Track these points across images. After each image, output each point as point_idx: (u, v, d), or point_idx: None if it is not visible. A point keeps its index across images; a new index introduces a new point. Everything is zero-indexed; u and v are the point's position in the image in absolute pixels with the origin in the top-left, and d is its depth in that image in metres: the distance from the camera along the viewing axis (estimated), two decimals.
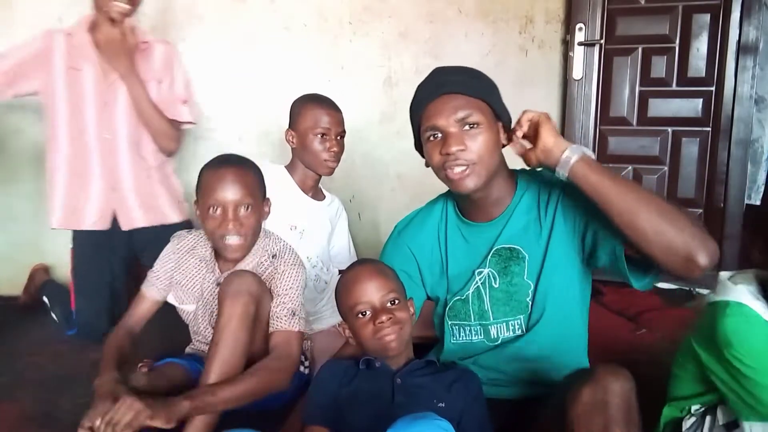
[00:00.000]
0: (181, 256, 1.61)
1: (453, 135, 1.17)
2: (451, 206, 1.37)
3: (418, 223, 1.41)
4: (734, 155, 2.54)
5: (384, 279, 1.23)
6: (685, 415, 1.33)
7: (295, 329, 1.48)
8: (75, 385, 1.84)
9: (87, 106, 2.07)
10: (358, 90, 2.78)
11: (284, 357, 1.43)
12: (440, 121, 1.18)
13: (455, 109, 1.18)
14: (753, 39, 2.45)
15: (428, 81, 1.26)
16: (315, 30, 2.76)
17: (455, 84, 1.20)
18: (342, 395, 1.19)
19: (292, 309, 1.49)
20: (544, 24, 2.70)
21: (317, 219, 2.00)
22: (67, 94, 2.07)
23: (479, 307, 1.31)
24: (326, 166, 1.94)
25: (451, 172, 1.19)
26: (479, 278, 1.31)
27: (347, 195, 2.75)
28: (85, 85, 2.07)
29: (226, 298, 1.37)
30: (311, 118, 1.91)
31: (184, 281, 1.59)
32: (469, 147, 1.17)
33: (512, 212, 1.28)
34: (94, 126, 2.08)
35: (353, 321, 1.23)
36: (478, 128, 1.18)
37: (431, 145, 1.22)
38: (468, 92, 1.19)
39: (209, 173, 1.49)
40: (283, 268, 1.52)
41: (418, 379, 1.20)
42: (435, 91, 1.21)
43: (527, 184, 1.30)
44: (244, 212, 1.47)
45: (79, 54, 2.06)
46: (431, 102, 1.20)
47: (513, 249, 1.28)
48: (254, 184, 1.51)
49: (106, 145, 2.10)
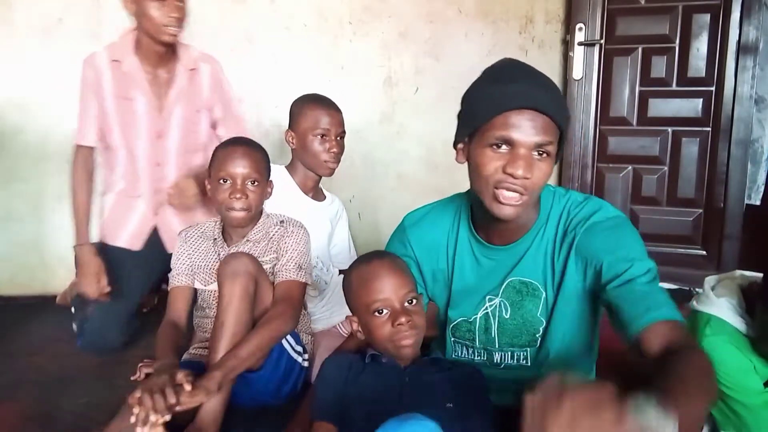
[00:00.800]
0: (193, 244, 1.70)
1: (526, 158, 1.05)
2: (464, 217, 1.29)
3: (428, 224, 1.34)
4: (734, 155, 2.54)
5: (404, 276, 1.19)
6: None
7: (301, 280, 1.62)
8: (75, 385, 1.85)
9: (140, 136, 2.04)
10: (358, 90, 2.78)
11: (285, 302, 1.55)
12: (519, 137, 1.05)
13: (539, 131, 1.05)
14: (753, 39, 2.45)
15: (511, 79, 1.09)
16: (315, 30, 2.76)
17: (546, 103, 1.06)
18: (349, 391, 1.16)
19: (298, 263, 1.63)
20: (544, 24, 2.70)
21: (317, 219, 2.00)
22: (119, 122, 2.03)
23: (485, 333, 1.27)
24: (326, 166, 1.93)
25: (504, 194, 1.08)
26: (490, 305, 1.26)
27: (347, 195, 2.75)
28: (137, 115, 2.02)
29: (225, 279, 1.44)
30: (311, 118, 1.91)
31: (203, 264, 1.68)
32: (533, 176, 1.06)
33: (531, 242, 1.21)
34: (145, 155, 2.05)
35: (368, 318, 1.18)
36: (547, 158, 1.08)
37: (492, 154, 1.08)
38: (555, 117, 1.06)
39: (222, 150, 1.64)
40: (291, 229, 1.68)
41: (426, 378, 1.17)
42: (521, 100, 1.05)
43: (549, 208, 1.22)
44: (251, 186, 1.61)
45: (130, 83, 1.99)
46: (514, 110, 1.05)
47: (530, 284, 1.22)
48: (261, 162, 1.65)
49: (156, 173, 2.08)
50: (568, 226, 1.18)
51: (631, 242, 1.11)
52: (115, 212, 2.13)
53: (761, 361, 1.14)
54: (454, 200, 1.34)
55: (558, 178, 2.81)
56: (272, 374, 1.55)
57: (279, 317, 1.50)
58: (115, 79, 1.99)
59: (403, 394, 1.14)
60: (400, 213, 1.47)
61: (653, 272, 1.07)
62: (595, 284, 1.12)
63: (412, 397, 1.14)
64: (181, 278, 1.68)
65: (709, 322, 1.19)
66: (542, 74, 1.12)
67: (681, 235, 2.68)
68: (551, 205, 1.22)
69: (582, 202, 1.20)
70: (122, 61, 1.97)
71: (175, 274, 1.69)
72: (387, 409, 1.10)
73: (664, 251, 2.68)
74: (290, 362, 1.61)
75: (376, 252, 1.29)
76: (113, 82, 1.99)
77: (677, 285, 2.58)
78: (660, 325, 0.98)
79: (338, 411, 1.15)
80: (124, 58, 1.98)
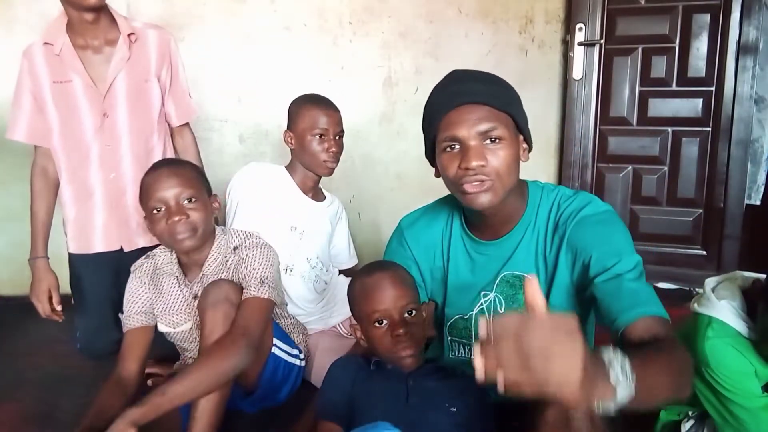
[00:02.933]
0: (151, 283, 1.57)
1: (474, 149, 1.10)
2: (457, 215, 1.33)
3: (423, 225, 1.37)
4: (734, 155, 2.54)
5: (404, 288, 1.21)
6: (683, 418, 1.33)
7: (264, 296, 1.45)
8: (75, 385, 1.85)
9: (84, 120, 1.88)
10: (358, 90, 2.78)
11: (238, 331, 1.34)
12: (461, 132, 1.10)
13: (478, 121, 1.09)
14: (753, 39, 2.45)
15: (447, 86, 1.16)
16: (315, 30, 2.76)
17: (479, 94, 1.11)
18: (356, 393, 1.19)
19: (260, 277, 1.48)
20: (544, 24, 2.70)
21: (317, 220, 2.00)
22: (59, 110, 1.87)
23: None
24: (325, 166, 1.93)
25: (468, 186, 1.12)
26: (484, 300, 1.28)
27: (347, 195, 2.75)
28: (77, 97, 1.86)
29: (207, 309, 1.37)
30: (309, 119, 1.90)
31: (168, 306, 1.56)
32: (490, 162, 1.10)
33: (521, 235, 1.23)
34: (94, 140, 1.90)
35: (369, 328, 1.22)
36: (500, 143, 1.11)
37: (447, 157, 1.14)
38: (492, 103, 1.11)
39: (146, 178, 1.48)
40: (245, 253, 1.52)
41: (430, 383, 1.20)
42: (456, 99, 1.12)
43: (538, 202, 1.24)
44: (189, 204, 1.46)
45: (65, 65, 1.84)
46: (452, 110, 1.12)
47: (523, 277, 1.23)
48: (193, 178, 1.50)
49: (108, 156, 1.92)
50: (558, 220, 1.20)
51: (619, 236, 1.13)
52: (78, 221, 2.00)
53: (763, 364, 1.14)
54: (448, 200, 1.36)
55: (558, 178, 2.81)
56: (270, 382, 1.55)
57: (224, 352, 1.30)
58: (50, 64, 1.84)
59: (409, 397, 1.17)
60: (400, 213, 1.48)
61: (640, 267, 1.09)
62: (584, 277, 1.14)
63: (417, 401, 1.16)
64: (139, 318, 1.54)
65: (710, 325, 1.18)
66: (481, 72, 1.18)
67: (681, 235, 2.68)
68: (540, 198, 1.24)
69: (571, 196, 1.22)
70: (54, 43, 1.83)
71: (130, 314, 1.54)
72: (393, 409, 1.12)
73: (664, 251, 2.68)
74: (287, 368, 1.61)
75: (379, 263, 1.31)
76: (48, 68, 1.85)
77: (677, 285, 2.58)
78: (645, 321, 1.00)
79: (344, 412, 1.17)
80: (56, 39, 1.83)
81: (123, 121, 1.91)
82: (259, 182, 1.91)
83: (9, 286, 2.75)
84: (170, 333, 1.59)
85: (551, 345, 0.65)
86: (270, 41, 2.76)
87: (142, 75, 1.93)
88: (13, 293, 2.66)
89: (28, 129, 1.90)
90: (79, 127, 1.90)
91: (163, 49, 1.96)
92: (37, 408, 1.71)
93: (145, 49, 1.93)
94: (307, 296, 1.94)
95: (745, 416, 1.15)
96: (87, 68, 1.86)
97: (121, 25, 1.89)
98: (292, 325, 1.75)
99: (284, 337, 1.62)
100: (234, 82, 2.79)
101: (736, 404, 1.15)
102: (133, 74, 1.91)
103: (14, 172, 2.67)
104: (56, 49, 1.83)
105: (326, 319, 1.99)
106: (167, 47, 1.98)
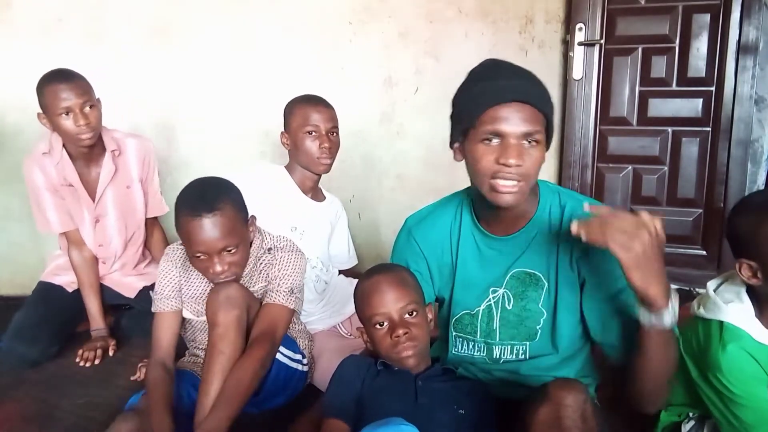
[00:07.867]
0: (182, 267, 1.57)
1: (516, 147, 1.11)
2: (467, 209, 1.32)
3: (431, 221, 1.37)
4: (734, 155, 2.54)
5: (403, 289, 1.23)
6: (684, 419, 1.33)
7: (290, 306, 1.53)
8: (75, 385, 1.85)
9: (83, 222, 2.14)
10: (358, 90, 2.78)
11: (265, 337, 1.45)
12: (507, 128, 1.11)
13: (525, 121, 1.11)
14: (753, 39, 2.45)
15: (495, 78, 1.15)
16: (315, 30, 2.76)
17: (529, 94, 1.12)
18: (365, 391, 1.20)
19: (290, 286, 1.54)
20: (544, 24, 2.70)
21: (317, 220, 2.00)
22: (70, 206, 2.12)
23: (487, 325, 1.30)
24: (320, 163, 1.93)
25: (500, 183, 1.13)
26: (493, 296, 1.29)
27: (347, 195, 2.75)
28: (80, 201, 2.11)
29: (219, 309, 1.39)
30: (300, 117, 1.91)
31: (195, 294, 1.57)
32: (526, 163, 1.12)
33: (533, 233, 1.25)
34: (89, 239, 2.16)
35: (371, 330, 1.24)
36: (537, 146, 1.14)
37: (485, 148, 1.13)
38: (537, 105, 1.13)
39: (186, 222, 1.40)
40: (280, 255, 1.57)
41: (438, 384, 1.22)
42: (507, 94, 1.12)
43: (549, 201, 1.26)
44: (229, 255, 1.44)
45: (68, 172, 2.07)
46: (501, 105, 1.11)
47: (533, 275, 1.26)
48: (233, 221, 1.44)
49: (101, 253, 2.19)
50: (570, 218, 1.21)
51: None
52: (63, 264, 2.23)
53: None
54: (455, 197, 1.37)
55: (558, 178, 2.80)
56: (272, 385, 1.55)
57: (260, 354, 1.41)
58: (55, 169, 2.07)
59: (419, 397, 1.18)
60: (400, 213, 1.48)
61: None
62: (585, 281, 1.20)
63: (426, 401, 1.17)
64: (170, 302, 1.54)
65: (724, 331, 1.16)
66: (523, 69, 1.20)
67: (681, 235, 2.68)
68: (550, 197, 1.27)
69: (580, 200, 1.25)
70: (53, 156, 2.05)
71: (161, 297, 1.54)
72: (403, 408, 1.13)
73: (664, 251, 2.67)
74: (289, 372, 1.61)
75: (381, 266, 1.33)
76: (54, 171, 2.07)
77: (677, 285, 2.58)
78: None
79: (352, 410, 1.18)
80: (55, 154, 2.05)
81: (112, 225, 2.18)
82: (260, 182, 1.91)
83: (9, 286, 2.75)
84: (192, 320, 1.60)
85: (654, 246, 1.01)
86: (270, 41, 2.76)
87: (125, 182, 2.17)
88: (13, 293, 2.66)
89: (59, 219, 2.12)
90: (81, 226, 2.15)
91: (141, 156, 2.20)
92: (37, 408, 1.71)
93: (127, 159, 2.17)
94: (307, 296, 1.94)
95: (751, 419, 1.14)
96: (81, 178, 2.10)
97: (107, 142, 2.11)
98: (299, 331, 1.74)
99: (287, 341, 1.62)
100: (234, 82, 2.79)
101: (741, 406, 1.14)
102: (118, 182, 2.16)
103: (14, 172, 2.67)
104: (54, 161, 2.05)
105: (326, 319, 1.99)
106: (146, 154, 2.22)
